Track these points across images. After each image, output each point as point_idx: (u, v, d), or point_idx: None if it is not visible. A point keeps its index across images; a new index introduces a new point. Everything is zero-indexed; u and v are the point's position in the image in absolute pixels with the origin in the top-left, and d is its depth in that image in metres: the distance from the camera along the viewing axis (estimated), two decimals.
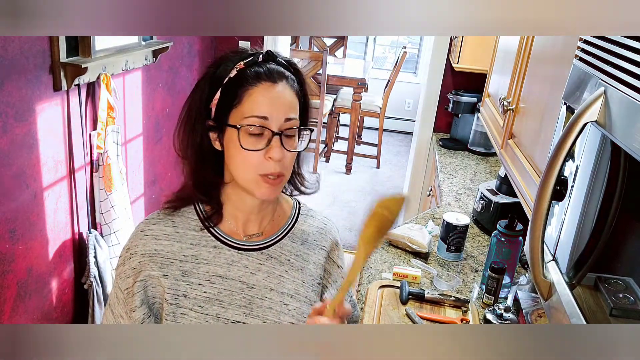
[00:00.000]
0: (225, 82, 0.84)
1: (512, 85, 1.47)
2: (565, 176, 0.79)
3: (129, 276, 0.89)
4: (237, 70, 0.84)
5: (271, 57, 0.87)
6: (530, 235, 0.74)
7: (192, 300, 0.87)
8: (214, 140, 0.88)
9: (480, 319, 1.43)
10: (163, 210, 0.93)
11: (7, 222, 1.63)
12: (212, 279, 0.89)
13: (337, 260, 1.03)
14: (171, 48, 2.48)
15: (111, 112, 1.99)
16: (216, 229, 0.92)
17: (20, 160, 1.65)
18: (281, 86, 0.84)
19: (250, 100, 0.82)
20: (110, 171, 2.01)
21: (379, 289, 1.51)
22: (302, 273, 0.95)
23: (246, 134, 0.82)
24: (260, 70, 0.84)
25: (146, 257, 0.88)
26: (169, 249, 0.89)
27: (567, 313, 0.69)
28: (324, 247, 1.00)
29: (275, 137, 0.83)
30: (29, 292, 1.79)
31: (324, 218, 1.05)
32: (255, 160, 0.83)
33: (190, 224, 0.91)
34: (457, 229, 1.69)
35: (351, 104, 4.75)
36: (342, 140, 5.63)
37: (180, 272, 0.88)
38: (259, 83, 0.83)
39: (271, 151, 0.82)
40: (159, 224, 0.91)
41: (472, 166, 2.74)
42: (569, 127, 0.68)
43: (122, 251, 0.92)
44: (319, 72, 4.35)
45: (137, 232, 0.91)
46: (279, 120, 0.83)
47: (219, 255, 0.90)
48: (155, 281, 0.88)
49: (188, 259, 0.89)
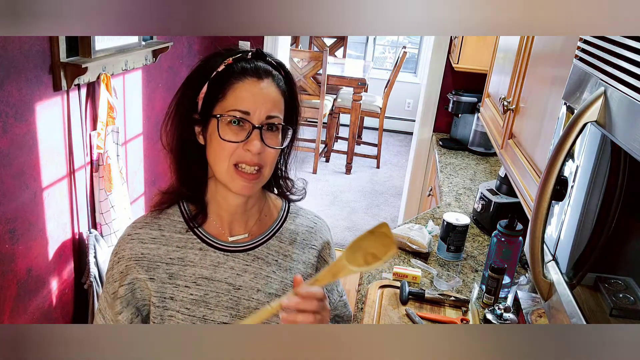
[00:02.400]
0: (213, 76, 0.85)
1: (512, 85, 1.47)
2: (565, 176, 0.79)
3: (116, 280, 0.89)
4: (225, 65, 0.84)
5: (260, 55, 0.87)
6: (530, 235, 0.74)
7: (179, 303, 0.87)
8: (198, 134, 0.88)
9: (480, 319, 1.43)
10: (150, 213, 0.93)
11: (7, 222, 1.63)
12: (199, 281, 0.89)
13: (329, 258, 1.02)
14: (171, 48, 2.48)
15: (111, 112, 1.99)
16: (202, 231, 0.92)
17: (20, 160, 1.65)
18: (266, 83, 0.84)
19: (234, 95, 0.83)
20: (110, 171, 2.01)
21: (379, 289, 1.51)
22: (289, 273, 0.95)
23: (226, 125, 0.82)
24: (247, 66, 0.84)
25: (132, 260, 0.88)
26: (155, 252, 0.89)
27: (567, 313, 0.69)
28: (314, 246, 0.99)
29: (255, 130, 0.82)
30: (29, 292, 1.79)
31: (314, 217, 1.04)
32: (232, 149, 0.82)
33: (176, 226, 0.91)
34: (457, 229, 1.69)
35: (351, 104, 4.75)
36: (342, 140, 5.63)
37: (167, 275, 0.88)
38: (244, 78, 0.83)
39: (250, 144, 0.82)
40: (145, 228, 0.91)
41: (472, 166, 2.74)
42: (569, 127, 0.68)
43: (110, 255, 0.93)
44: (319, 72, 4.36)
45: (124, 236, 0.91)
46: (261, 116, 0.83)
47: (205, 257, 0.90)
48: (143, 284, 0.88)
49: (174, 261, 0.89)
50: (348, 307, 1.10)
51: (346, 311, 1.09)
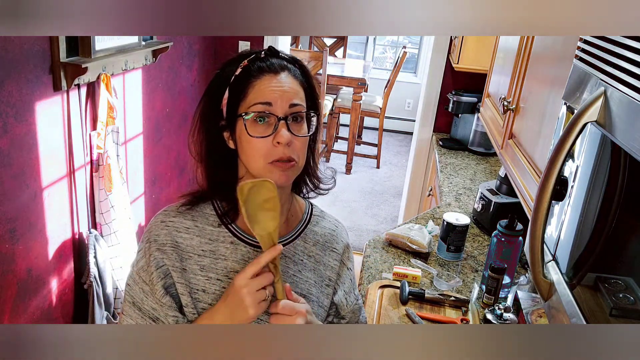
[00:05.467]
0: (232, 80, 0.86)
1: (512, 85, 1.47)
2: (565, 176, 0.79)
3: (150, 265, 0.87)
4: (242, 68, 0.86)
5: (273, 53, 0.89)
6: (530, 235, 0.74)
7: (211, 295, 0.87)
8: (227, 139, 0.90)
9: (480, 319, 1.43)
10: (179, 205, 0.93)
11: (7, 222, 1.63)
12: (230, 274, 0.89)
13: (347, 262, 1.04)
14: (171, 48, 2.48)
15: (111, 112, 1.99)
16: (233, 226, 0.92)
17: (20, 160, 1.65)
18: (284, 75, 0.86)
19: (254, 91, 0.84)
20: (110, 171, 2.01)
21: (379, 289, 1.51)
22: (314, 274, 0.96)
23: (252, 122, 0.84)
24: (263, 65, 0.86)
25: (168, 246, 0.88)
26: (188, 242, 0.89)
27: (567, 313, 0.69)
28: (336, 249, 1.01)
29: (281, 122, 0.84)
30: (29, 292, 1.79)
31: (335, 220, 1.06)
32: (264, 148, 0.84)
33: (209, 219, 0.92)
34: (457, 229, 1.69)
35: (351, 104, 4.75)
36: (342, 140, 5.63)
37: (199, 267, 0.88)
38: (262, 75, 0.85)
39: (278, 135, 0.83)
40: (179, 217, 0.91)
41: (472, 166, 2.74)
42: (569, 127, 0.68)
43: (140, 245, 0.91)
44: (319, 72, 4.35)
45: (157, 223, 0.90)
46: (284, 106, 0.84)
47: (236, 251, 0.90)
48: (175, 273, 0.87)
49: (206, 253, 0.89)
50: (362, 311, 1.09)
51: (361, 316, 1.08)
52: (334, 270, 1.00)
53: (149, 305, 0.87)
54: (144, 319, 0.87)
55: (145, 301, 0.88)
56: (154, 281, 0.87)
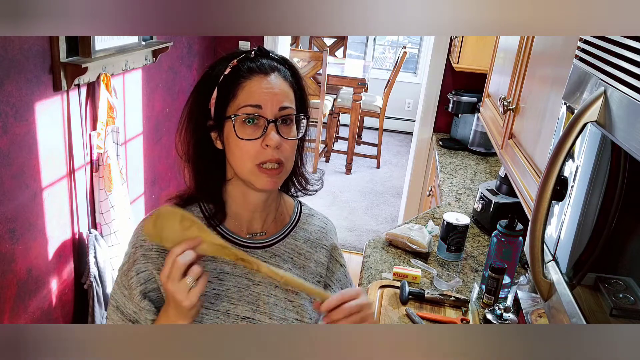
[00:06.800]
0: (221, 80, 0.85)
1: (512, 85, 1.47)
2: (565, 176, 0.79)
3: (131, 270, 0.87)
4: (231, 67, 0.85)
5: (263, 53, 0.88)
6: (530, 235, 0.74)
7: (203, 297, 0.87)
8: (215, 139, 0.89)
9: (480, 319, 1.43)
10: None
11: (7, 222, 1.63)
12: (220, 275, 0.89)
13: (340, 258, 1.05)
14: (171, 48, 2.48)
15: (111, 112, 1.99)
16: (221, 227, 0.92)
17: (20, 160, 1.65)
18: (274, 77, 0.85)
19: (244, 93, 0.84)
20: (110, 171, 2.01)
21: (379, 289, 1.51)
22: (303, 271, 0.97)
23: (241, 123, 0.83)
24: (253, 65, 0.85)
25: (154, 251, 0.87)
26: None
27: (567, 313, 0.69)
28: (325, 246, 1.02)
29: (270, 124, 0.83)
30: (29, 292, 1.79)
31: (324, 218, 1.07)
32: (253, 150, 0.83)
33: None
34: (457, 229, 1.69)
35: (351, 104, 4.75)
36: (342, 140, 5.63)
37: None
38: (252, 76, 0.84)
39: (267, 138, 0.83)
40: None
41: (472, 166, 2.74)
42: (569, 127, 0.68)
43: (127, 248, 0.91)
44: (319, 72, 4.35)
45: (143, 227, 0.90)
46: (273, 109, 0.84)
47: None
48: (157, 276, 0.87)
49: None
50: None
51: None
52: (323, 266, 1.00)
53: (130, 308, 0.88)
54: (125, 322, 0.88)
55: (127, 305, 0.88)
56: (133, 286, 0.87)
